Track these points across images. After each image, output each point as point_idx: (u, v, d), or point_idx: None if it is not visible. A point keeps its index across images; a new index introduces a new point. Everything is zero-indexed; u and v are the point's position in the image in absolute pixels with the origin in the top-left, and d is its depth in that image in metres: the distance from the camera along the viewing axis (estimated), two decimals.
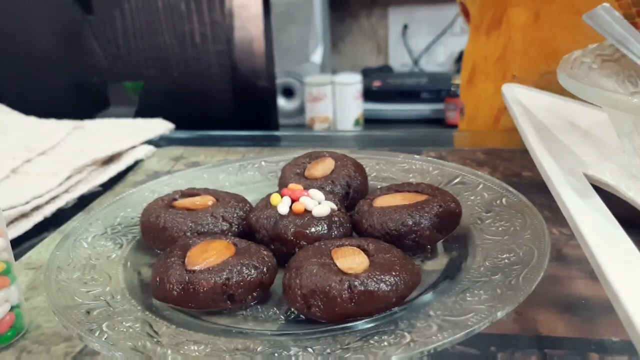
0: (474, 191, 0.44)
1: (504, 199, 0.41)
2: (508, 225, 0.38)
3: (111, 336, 0.30)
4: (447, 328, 0.29)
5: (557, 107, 0.51)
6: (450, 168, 0.47)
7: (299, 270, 0.33)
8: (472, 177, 0.45)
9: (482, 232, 0.39)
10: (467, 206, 0.42)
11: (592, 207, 0.31)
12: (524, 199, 0.40)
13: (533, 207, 0.39)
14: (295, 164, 0.46)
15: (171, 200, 0.42)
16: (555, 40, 0.66)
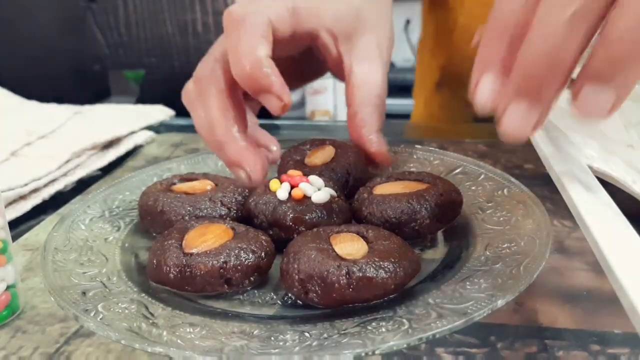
0: (476, 181, 0.43)
1: (506, 189, 0.41)
2: (509, 216, 0.38)
3: (106, 317, 0.29)
4: (446, 315, 0.28)
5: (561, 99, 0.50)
6: (452, 158, 0.47)
7: (296, 255, 0.32)
8: (473, 168, 0.45)
9: (483, 221, 0.38)
10: (468, 196, 0.41)
11: (596, 199, 0.31)
12: (526, 189, 0.40)
13: (535, 198, 0.38)
14: (295, 151, 0.46)
15: (170, 184, 0.42)
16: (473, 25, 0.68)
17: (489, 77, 0.29)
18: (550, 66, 0.27)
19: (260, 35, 0.40)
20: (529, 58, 0.27)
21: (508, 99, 0.28)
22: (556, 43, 0.26)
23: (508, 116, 0.28)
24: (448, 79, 0.76)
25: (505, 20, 0.29)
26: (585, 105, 0.27)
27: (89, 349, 0.31)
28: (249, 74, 0.39)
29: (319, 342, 0.28)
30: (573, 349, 0.30)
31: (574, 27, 0.26)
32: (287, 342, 0.28)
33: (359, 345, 0.27)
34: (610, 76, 0.26)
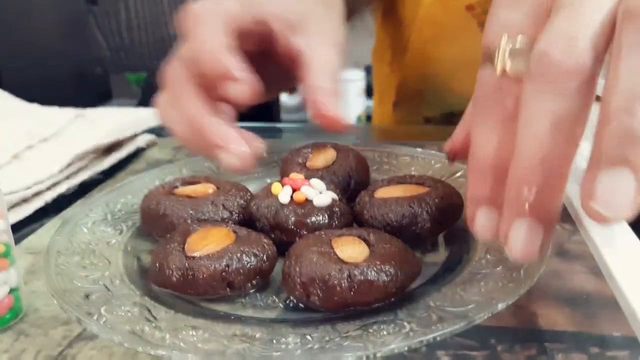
0: None
1: None
2: None
3: (109, 320, 0.30)
4: (447, 318, 0.29)
5: None
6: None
7: (298, 259, 0.33)
8: None
9: None
10: None
11: None
12: None
13: None
14: (297, 154, 0.46)
15: (172, 187, 0.42)
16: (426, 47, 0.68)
17: (483, 210, 0.29)
18: (541, 180, 0.26)
19: (217, 29, 0.40)
20: (518, 176, 0.26)
21: (507, 224, 0.27)
22: (542, 154, 0.25)
23: (512, 240, 0.26)
24: (405, 97, 0.76)
25: (484, 156, 0.29)
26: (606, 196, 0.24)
27: (91, 352, 0.31)
28: (208, 61, 0.39)
29: (320, 345, 0.28)
30: (572, 352, 0.31)
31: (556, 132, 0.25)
32: (288, 345, 0.28)
33: (360, 348, 0.27)
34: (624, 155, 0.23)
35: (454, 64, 0.61)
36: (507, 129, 0.28)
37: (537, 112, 0.26)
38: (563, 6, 0.27)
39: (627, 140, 0.23)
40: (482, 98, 0.30)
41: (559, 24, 0.26)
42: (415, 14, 0.67)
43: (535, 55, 0.26)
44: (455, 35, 0.65)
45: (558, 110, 0.25)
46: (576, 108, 0.26)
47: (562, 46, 0.25)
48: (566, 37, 0.26)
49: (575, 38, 0.25)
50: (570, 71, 0.25)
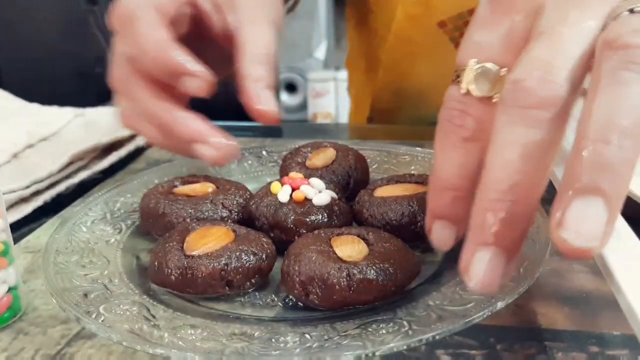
0: None
1: None
2: None
3: (108, 318, 0.30)
4: (446, 317, 0.28)
5: None
6: None
7: (297, 257, 0.32)
8: None
9: None
10: None
11: None
12: None
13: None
14: (297, 154, 0.46)
15: (171, 187, 0.42)
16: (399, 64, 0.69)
17: (438, 224, 0.30)
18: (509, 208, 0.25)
19: (154, 22, 0.40)
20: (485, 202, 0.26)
21: (470, 253, 0.26)
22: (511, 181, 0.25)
23: (473, 268, 0.26)
24: (379, 113, 0.76)
25: (443, 174, 0.30)
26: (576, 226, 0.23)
27: (90, 350, 0.31)
28: (156, 60, 0.39)
29: (319, 344, 0.28)
30: (572, 351, 0.31)
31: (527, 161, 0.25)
32: (287, 344, 0.28)
33: (359, 347, 0.27)
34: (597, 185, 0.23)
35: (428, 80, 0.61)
36: (467, 149, 0.28)
37: (508, 141, 0.25)
38: (542, 33, 0.27)
39: (602, 170, 0.23)
40: (446, 116, 0.30)
41: (537, 51, 0.26)
42: (387, 30, 0.67)
43: (510, 83, 0.26)
44: (428, 51, 0.66)
45: (529, 140, 0.25)
46: (548, 138, 0.25)
47: (538, 75, 0.25)
48: (543, 65, 0.25)
49: (552, 67, 0.25)
50: (545, 101, 0.25)
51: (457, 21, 0.62)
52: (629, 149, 0.23)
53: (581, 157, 0.23)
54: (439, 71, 0.66)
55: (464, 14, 0.62)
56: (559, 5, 0.27)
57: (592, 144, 0.23)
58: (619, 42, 0.24)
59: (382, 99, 0.72)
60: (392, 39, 0.67)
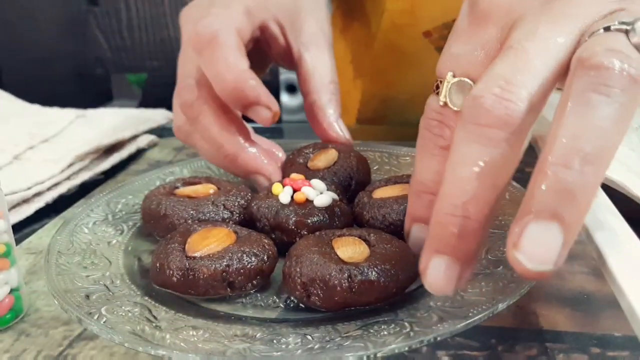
0: None
1: (507, 193, 0.41)
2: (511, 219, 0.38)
3: (110, 320, 0.30)
4: (447, 318, 0.28)
5: None
6: None
7: (299, 259, 0.33)
8: None
9: None
10: None
11: (596, 202, 0.31)
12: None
13: None
14: (298, 155, 0.46)
15: (173, 188, 0.42)
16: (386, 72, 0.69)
17: (416, 227, 0.31)
18: (462, 222, 0.25)
19: (236, 49, 0.41)
20: (440, 214, 0.26)
21: (427, 258, 0.27)
22: (464, 198, 0.25)
23: (430, 272, 0.26)
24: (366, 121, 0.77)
25: (421, 180, 0.31)
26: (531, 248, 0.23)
27: (92, 351, 0.31)
28: (235, 90, 0.40)
29: (321, 345, 0.28)
30: (573, 352, 0.31)
31: (480, 179, 0.25)
32: (289, 345, 0.28)
33: (360, 348, 0.27)
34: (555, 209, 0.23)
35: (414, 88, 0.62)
36: (443, 157, 0.29)
37: (463, 158, 0.26)
38: (510, 47, 0.26)
39: (561, 195, 0.23)
40: (426, 125, 0.31)
41: (499, 67, 0.26)
42: (374, 38, 0.68)
43: (470, 99, 0.26)
44: (414, 60, 0.66)
45: (484, 158, 0.25)
46: (503, 157, 0.25)
47: (495, 92, 0.25)
48: (502, 82, 0.25)
49: (512, 84, 0.25)
50: (499, 121, 0.25)
51: (442, 31, 0.63)
52: (590, 175, 0.23)
53: (542, 180, 0.23)
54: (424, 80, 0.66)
55: (450, 24, 0.61)
56: (532, 19, 0.27)
57: (554, 167, 0.23)
58: (591, 62, 0.24)
59: (369, 107, 0.73)
60: (379, 47, 0.67)
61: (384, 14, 0.64)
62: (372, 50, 0.68)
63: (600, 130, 0.23)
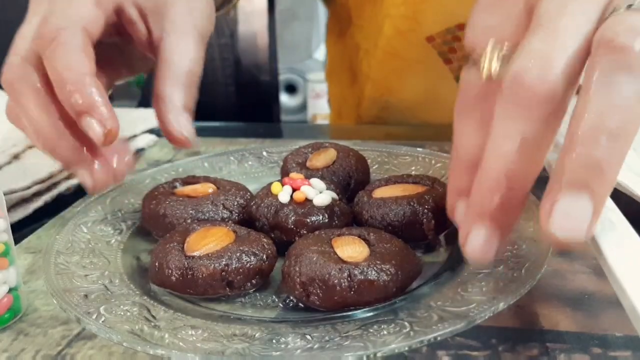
0: None
1: None
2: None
3: (109, 319, 0.30)
4: (447, 318, 0.28)
5: None
6: None
7: (298, 258, 0.32)
8: None
9: None
10: None
11: None
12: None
13: (536, 201, 0.38)
14: (297, 154, 0.46)
15: (172, 187, 0.42)
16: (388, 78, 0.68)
17: (462, 203, 0.30)
18: (504, 194, 0.27)
19: (80, 51, 0.38)
20: (483, 186, 0.27)
21: (469, 225, 0.28)
22: (507, 171, 0.27)
23: (470, 241, 0.28)
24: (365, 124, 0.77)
25: (465, 153, 0.30)
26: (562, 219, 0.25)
27: (90, 351, 0.31)
28: (69, 93, 0.36)
29: (320, 345, 0.28)
30: (574, 352, 0.30)
31: (523, 153, 0.26)
32: (288, 345, 0.28)
33: (360, 348, 0.27)
34: (585, 181, 0.25)
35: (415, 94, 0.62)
36: (487, 130, 0.29)
37: (506, 133, 0.27)
38: (540, 25, 0.27)
39: (590, 168, 0.24)
40: (465, 99, 0.31)
41: (534, 45, 0.26)
42: (375, 44, 0.67)
43: (509, 76, 0.26)
44: (417, 66, 0.66)
45: (526, 133, 0.26)
46: (544, 131, 0.26)
47: (536, 71, 0.26)
48: (541, 60, 0.26)
49: (550, 62, 0.26)
50: (542, 98, 0.26)
51: (445, 36, 0.63)
52: (616, 149, 0.24)
53: (572, 155, 0.25)
54: (426, 86, 0.67)
55: (453, 29, 0.62)
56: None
57: (582, 144, 0.24)
58: (614, 43, 0.24)
59: (369, 113, 0.72)
60: (380, 53, 0.67)
61: (386, 19, 0.64)
62: (370, 56, 0.68)
63: (624, 108, 0.24)
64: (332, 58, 0.82)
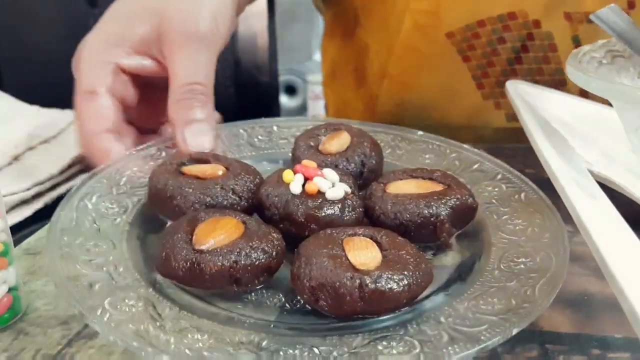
0: (492, 181, 0.42)
1: (523, 193, 0.40)
2: (526, 225, 0.37)
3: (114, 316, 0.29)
4: (458, 341, 0.28)
5: (563, 104, 0.51)
6: (469, 152, 0.46)
7: (309, 260, 0.32)
8: (490, 166, 0.44)
9: (497, 229, 0.37)
10: (484, 197, 0.41)
11: (597, 203, 0.30)
12: (544, 196, 0.39)
13: (553, 208, 0.37)
14: (310, 136, 0.44)
15: (180, 164, 0.41)
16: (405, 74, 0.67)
17: None
18: None
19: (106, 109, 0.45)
20: None
21: None
22: None
23: None
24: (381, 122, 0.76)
25: None
26: None
27: (91, 350, 0.31)
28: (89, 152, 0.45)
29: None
30: (574, 354, 0.30)
31: None
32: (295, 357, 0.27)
33: None
34: None
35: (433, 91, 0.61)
36: None
37: None
38: None
39: None
40: None
41: None
42: (392, 42, 0.66)
43: None
44: (435, 63, 0.65)
45: None
46: None
47: None
48: None
49: None
50: None
51: (465, 32, 0.62)
52: None
53: None
54: (442, 83, 0.66)
55: (473, 25, 0.61)
56: None
57: None
58: None
59: (383, 109, 0.71)
60: (399, 50, 0.66)
61: (406, 14, 0.63)
62: (391, 54, 0.67)
63: None
64: (331, 61, 0.81)
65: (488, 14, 0.59)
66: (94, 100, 0.45)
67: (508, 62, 0.63)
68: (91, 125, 0.45)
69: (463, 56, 0.63)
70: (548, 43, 0.61)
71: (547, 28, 0.60)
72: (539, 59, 0.62)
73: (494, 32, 0.60)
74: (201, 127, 0.44)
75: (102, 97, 0.45)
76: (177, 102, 0.44)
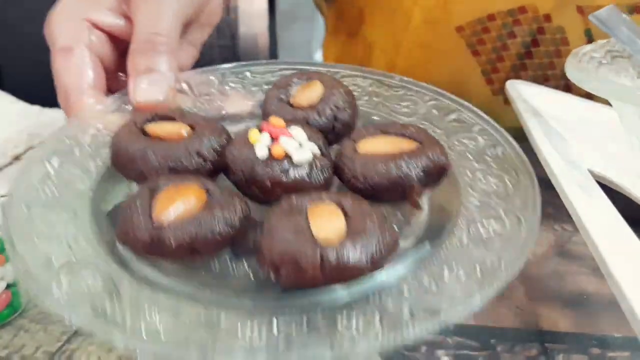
0: (469, 133, 0.41)
1: (500, 149, 0.39)
2: (498, 184, 0.36)
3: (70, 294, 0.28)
4: (418, 317, 0.28)
5: (563, 104, 0.50)
6: (448, 100, 0.44)
7: (270, 232, 0.31)
8: (469, 116, 0.42)
9: (468, 188, 0.36)
10: (458, 151, 0.39)
11: (596, 203, 0.30)
12: (520, 152, 0.37)
13: (527, 164, 0.36)
14: (279, 89, 0.43)
15: (144, 122, 0.39)
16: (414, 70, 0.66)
17: None
18: None
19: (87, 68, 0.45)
20: None
21: None
22: None
23: None
24: None
25: None
26: None
27: (90, 347, 0.31)
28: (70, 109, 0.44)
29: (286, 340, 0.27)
30: (573, 353, 0.30)
31: None
32: (253, 338, 0.27)
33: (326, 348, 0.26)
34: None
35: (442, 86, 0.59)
36: None
37: None
38: None
39: None
40: None
41: None
42: (400, 38, 0.64)
43: None
44: (444, 57, 0.64)
45: None
46: None
47: None
48: None
49: None
50: None
51: (475, 26, 0.60)
52: None
53: None
54: (452, 78, 0.65)
55: (483, 19, 0.59)
56: None
57: None
58: None
59: None
60: (408, 45, 0.64)
61: (415, 9, 0.61)
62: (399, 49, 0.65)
63: None
64: (335, 60, 0.80)
65: (498, 8, 0.58)
66: (72, 56, 0.44)
67: (518, 57, 0.62)
68: (70, 79, 0.44)
69: (472, 51, 0.62)
70: (560, 37, 0.60)
71: (558, 22, 0.59)
72: (551, 53, 0.61)
73: (504, 27, 0.59)
74: (154, 77, 0.42)
75: (80, 52, 0.44)
76: (133, 51, 0.43)
